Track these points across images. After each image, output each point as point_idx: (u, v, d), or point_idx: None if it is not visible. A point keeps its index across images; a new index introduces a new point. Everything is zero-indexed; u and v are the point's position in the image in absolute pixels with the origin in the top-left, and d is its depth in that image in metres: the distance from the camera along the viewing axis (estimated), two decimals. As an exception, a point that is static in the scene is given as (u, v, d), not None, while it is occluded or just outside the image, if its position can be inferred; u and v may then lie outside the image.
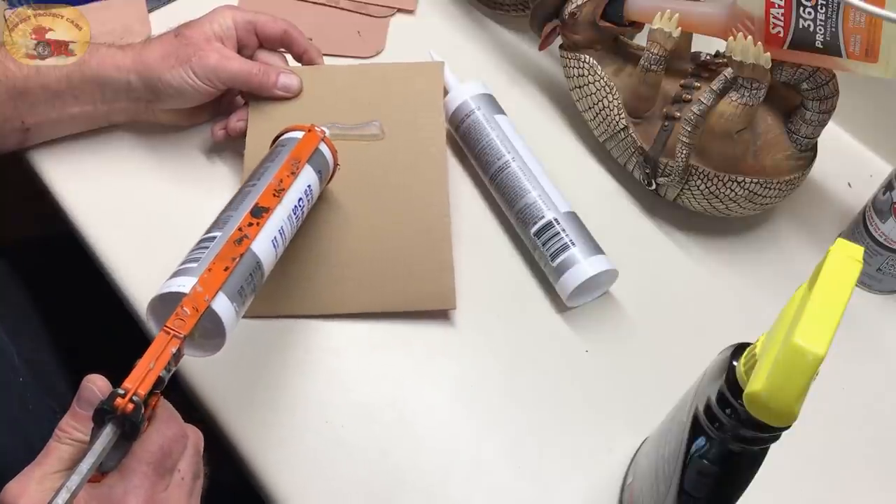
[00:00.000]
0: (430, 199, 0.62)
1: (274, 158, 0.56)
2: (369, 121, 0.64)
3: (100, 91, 0.62)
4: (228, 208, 0.52)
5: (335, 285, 0.60)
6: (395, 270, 0.60)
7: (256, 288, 0.50)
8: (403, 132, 0.64)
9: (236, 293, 0.47)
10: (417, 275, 0.60)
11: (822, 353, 0.32)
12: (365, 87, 0.66)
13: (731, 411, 0.38)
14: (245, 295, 0.49)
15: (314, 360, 0.59)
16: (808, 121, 0.61)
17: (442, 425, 0.57)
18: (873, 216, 0.62)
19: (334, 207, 0.62)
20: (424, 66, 0.67)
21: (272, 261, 0.52)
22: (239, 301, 0.48)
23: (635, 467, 0.54)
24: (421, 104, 0.65)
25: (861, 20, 0.53)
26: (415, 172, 0.63)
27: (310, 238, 0.61)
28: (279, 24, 0.65)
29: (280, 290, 0.59)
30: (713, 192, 0.62)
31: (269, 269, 0.52)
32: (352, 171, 0.62)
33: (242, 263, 0.48)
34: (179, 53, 0.61)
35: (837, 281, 0.35)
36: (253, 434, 0.55)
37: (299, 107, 0.65)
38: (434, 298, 0.60)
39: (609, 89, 0.66)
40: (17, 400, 0.56)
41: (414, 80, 0.66)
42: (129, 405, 0.40)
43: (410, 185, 0.63)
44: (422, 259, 0.60)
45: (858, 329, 0.63)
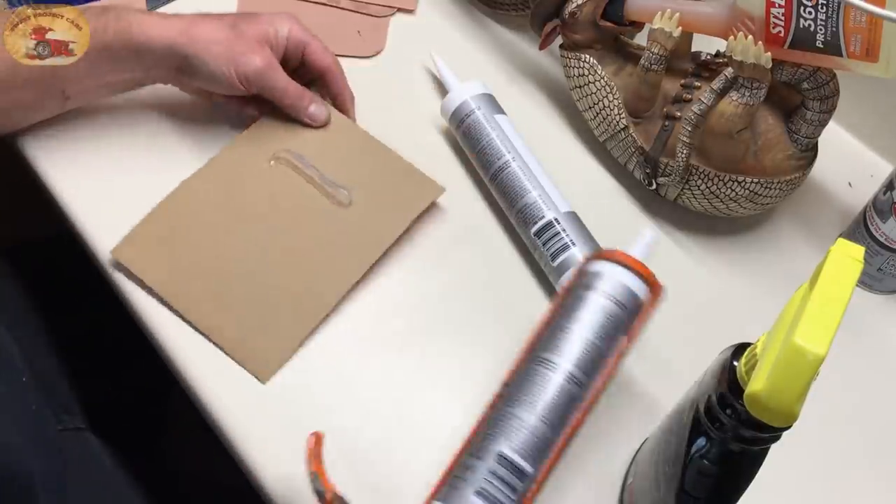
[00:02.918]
0: (332, 279, 0.60)
1: (604, 335, 0.47)
2: (344, 185, 0.64)
3: (140, 60, 0.62)
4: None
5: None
6: (260, 307, 0.59)
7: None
8: (363, 216, 0.63)
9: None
10: (264, 327, 0.59)
11: (822, 353, 0.32)
12: (364, 158, 0.66)
13: (732, 411, 0.38)
14: None
15: (314, 360, 0.59)
16: (808, 121, 0.60)
17: (443, 426, 0.57)
18: (874, 216, 0.62)
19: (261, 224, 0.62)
20: (426, 182, 0.65)
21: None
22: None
23: (635, 467, 0.54)
24: (396, 205, 0.64)
25: (862, 20, 0.53)
26: (343, 248, 0.62)
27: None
28: (327, 58, 0.65)
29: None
30: (713, 191, 0.62)
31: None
32: (299, 202, 0.63)
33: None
34: (230, 47, 0.61)
35: (838, 281, 0.35)
36: (253, 434, 0.55)
37: (297, 136, 0.65)
38: (255, 361, 0.58)
39: (609, 89, 0.66)
40: (20, 400, 0.56)
41: (409, 183, 0.65)
42: None
43: (332, 256, 0.61)
44: (277, 315, 0.59)
45: (858, 329, 0.63)
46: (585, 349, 0.46)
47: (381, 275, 0.63)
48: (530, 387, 0.46)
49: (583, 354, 0.46)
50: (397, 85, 0.74)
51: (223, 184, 0.64)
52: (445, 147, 0.70)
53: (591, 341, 0.47)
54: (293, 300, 0.60)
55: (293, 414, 0.56)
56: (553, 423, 0.45)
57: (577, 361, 0.46)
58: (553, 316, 0.49)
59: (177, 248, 0.61)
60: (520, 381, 0.47)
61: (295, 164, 0.64)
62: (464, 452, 0.46)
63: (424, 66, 0.76)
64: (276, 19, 0.63)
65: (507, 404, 0.46)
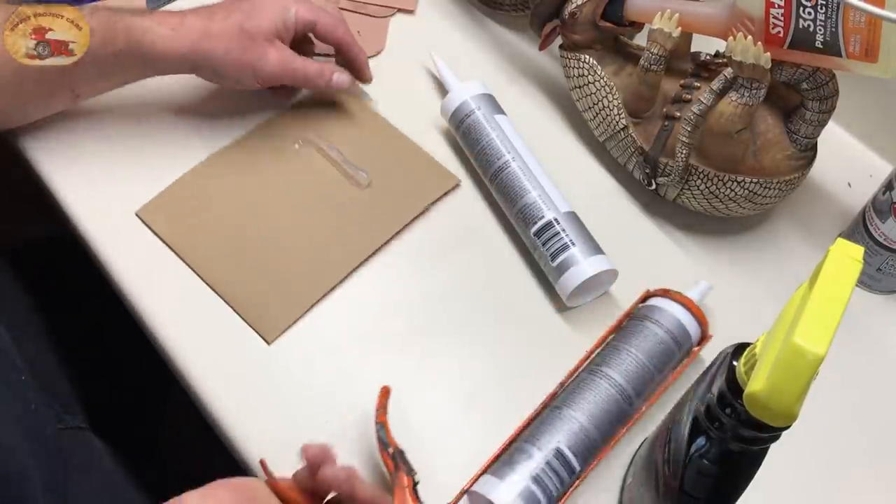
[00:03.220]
0: (343, 253, 0.63)
1: (662, 365, 0.55)
2: (364, 169, 0.67)
3: (153, 69, 0.63)
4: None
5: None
6: (265, 278, 0.62)
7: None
8: (379, 198, 0.66)
9: None
10: (274, 291, 0.61)
11: (822, 353, 0.33)
12: (385, 146, 0.69)
13: (732, 411, 0.38)
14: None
15: (314, 360, 0.59)
16: (807, 121, 0.61)
17: (443, 426, 0.57)
18: (873, 216, 0.62)
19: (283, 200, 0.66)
20: (442, 172, 0.68)
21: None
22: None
23: (635, 467, 0.54)
24: (412, 191, 0.67)
25: (861, 20, 0.53)
26: (357, 226, 0.65)
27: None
28: (337, 32, 0.67)
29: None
30: (713, 191, 0.62)
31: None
32: (319, 180, 0.66)
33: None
34: (244, 53, 0.62)
35: (837, 281, 0.35)
36: (253, 434, 0.55)
37: (324, 123, 0.69)
38: (262, 321, 0.60)
39: (609, 89, 0.66)
40: (21, 400, 0.56)
41: (426, 172, 0.68)
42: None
43: (345, 232, 0.64)
44: (289, 281, 0.62)
45: (858, 329, 0.63)
46: (639, 372, 0.54)
47: (382, 274, 0.63)
48: (589, 395, 0.53)
49: (637, 376, 0.54)
50: (397, 85, 0.74)
51: (249, 159, 0.68)
52: (445, 147, 0.70)
53: (645, 366, 0.54)
54: (304, 269, 0.62)
55: (293, 414, 0.56)
56: (603, 431, 0.52)
57: (632, 381, 0.53)
58: (612, 336, 0.57)
59: (199, 212, 0.64)
60: (580, 387, 0.54)
61: (319, 146, 0.68)
62: (520, 439, 0.53)
63: (424, 66, 0.76)
64: (280, 4, 0.64)
65: (567, 405, 0.53)
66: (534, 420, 0.54)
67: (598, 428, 0.52)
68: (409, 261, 0.64)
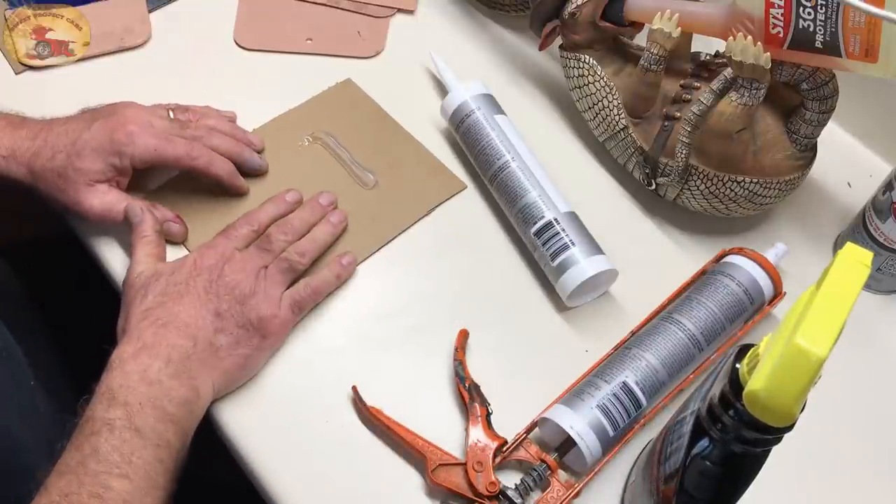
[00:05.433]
0: (342, 251, 0.63)
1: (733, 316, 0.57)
2: (371, 170, 0.67)
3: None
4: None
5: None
6: None
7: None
8: (385, 199, 0.66)
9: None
10: None
11: (823, 355, 0.33)
12: (393, 147, 0.70)
13: (734, 412, 0.38)
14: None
15: (314, 360, 0.59)
16: (807, 121, 0.61)
17: (443, 425, 0.57)
18: (873, 216, 0.62)
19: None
20: (449, 176, 0.69)
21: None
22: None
23: (637, 468, 0.54)
24: (417, 193, 0.67)
25: (861, 20, 0.53)
26: (360, 226, 0.65)
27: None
28: (196, 161, 0.61)
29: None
30: (713, 192, 0.62)
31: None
32: (326, 179, 0.67)
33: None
34: (61, 194, 0.59)
35: (844, 284, 0.35)
36: (253, 434, 0.55)
37: (334, 120, 0.70)
38: None
39: (609, 89, 0.66)
40: (28, 399, 0.56)
41: (433, 175, 0.69)
42: None
43: (349, 231, 0.64)
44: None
45: (858, 329, 0.63)
46: (710, 320, 0.56)
47: (382, 274, 0.63)
48: (658, 338, 0.55)
49: (707, 324, 0.56)
50: (397, 85, 0.74)
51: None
52: (445, 147, 0.70)
53: (717, 315, 0.56)
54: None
55: (293, 413, 0.56)
56: (671, 371, 0.54)
57: (702, 328, 0.55)
58: (687, 288, 0.60)
59: (203, 207, 0.64)
60: (650, 332, 0.56)
61: (328, 144, 0.69)
62: (591, 374, 0.55)
63: (424, 66, 0.76)
64: (113, 147, 0.59)
65: (637, 346, 0.55)
66: (605, 362, 0.57)
67: (665, 367, 0.54)
68: (409, 260, 0.64)
